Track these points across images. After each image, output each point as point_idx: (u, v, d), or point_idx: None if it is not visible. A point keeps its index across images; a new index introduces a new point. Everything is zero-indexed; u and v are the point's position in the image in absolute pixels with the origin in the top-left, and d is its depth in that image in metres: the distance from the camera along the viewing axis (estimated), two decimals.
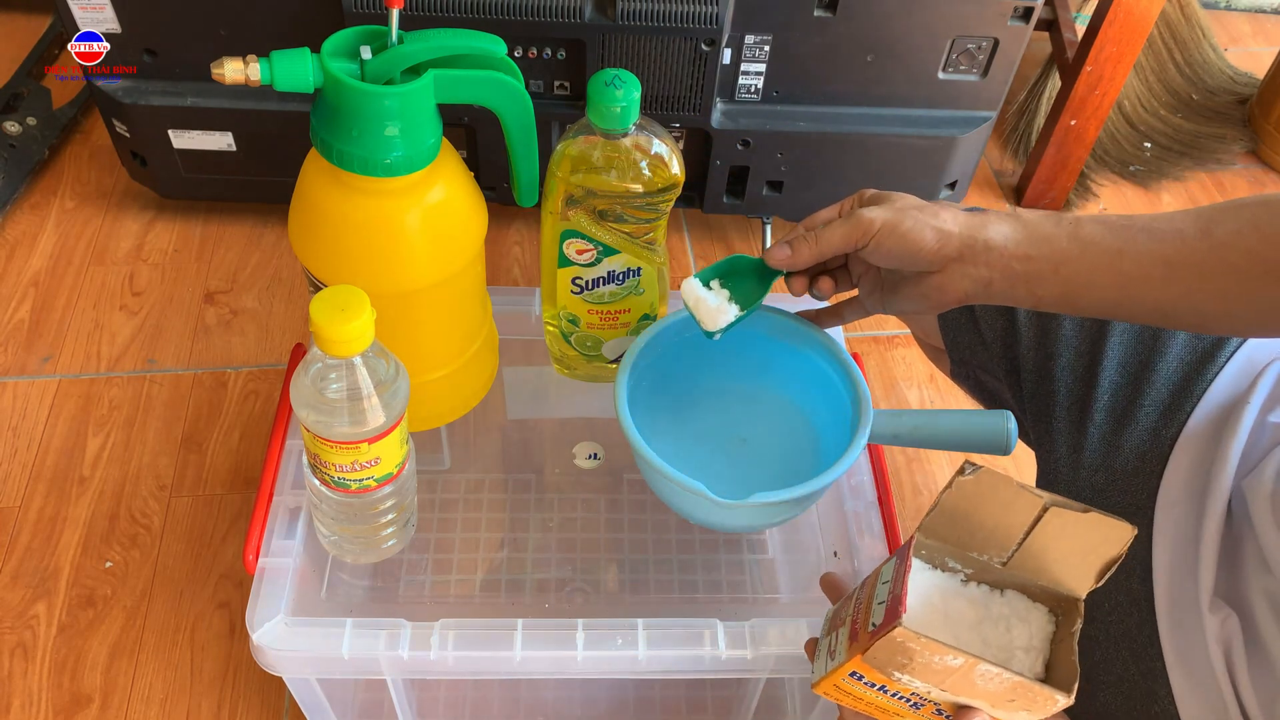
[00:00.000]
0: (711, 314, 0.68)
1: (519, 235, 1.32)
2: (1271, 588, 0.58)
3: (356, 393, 0.61)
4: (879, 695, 0.51)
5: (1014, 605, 0.52)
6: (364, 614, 0.68)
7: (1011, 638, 0.51)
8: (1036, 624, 0.52)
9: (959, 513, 0.51)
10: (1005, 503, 0.50)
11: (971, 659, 0.46)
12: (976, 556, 0.53)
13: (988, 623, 0.52)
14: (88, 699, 0.91)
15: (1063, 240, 0.59)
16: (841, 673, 0.51)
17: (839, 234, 0.63)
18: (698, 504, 0.67)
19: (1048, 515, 0.49)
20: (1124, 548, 0.48)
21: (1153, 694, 0.60)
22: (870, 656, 0.49)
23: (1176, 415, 0.68)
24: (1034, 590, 0.52)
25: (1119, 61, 1.24)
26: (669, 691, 0.88)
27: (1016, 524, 0.50)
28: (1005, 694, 0.47)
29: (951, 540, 0.52)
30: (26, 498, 1.03)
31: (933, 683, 0.48)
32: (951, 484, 0.50)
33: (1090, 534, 0.49)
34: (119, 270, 1.24)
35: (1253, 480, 0.62)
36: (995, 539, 0.51)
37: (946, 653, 0.46)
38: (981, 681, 0.47)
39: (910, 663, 0.47)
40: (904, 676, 0.48)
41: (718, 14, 1.01)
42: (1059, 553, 0.50)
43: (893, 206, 0.62)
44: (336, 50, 0.61)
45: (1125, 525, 0.48)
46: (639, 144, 0.68)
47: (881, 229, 0.61)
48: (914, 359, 1.22)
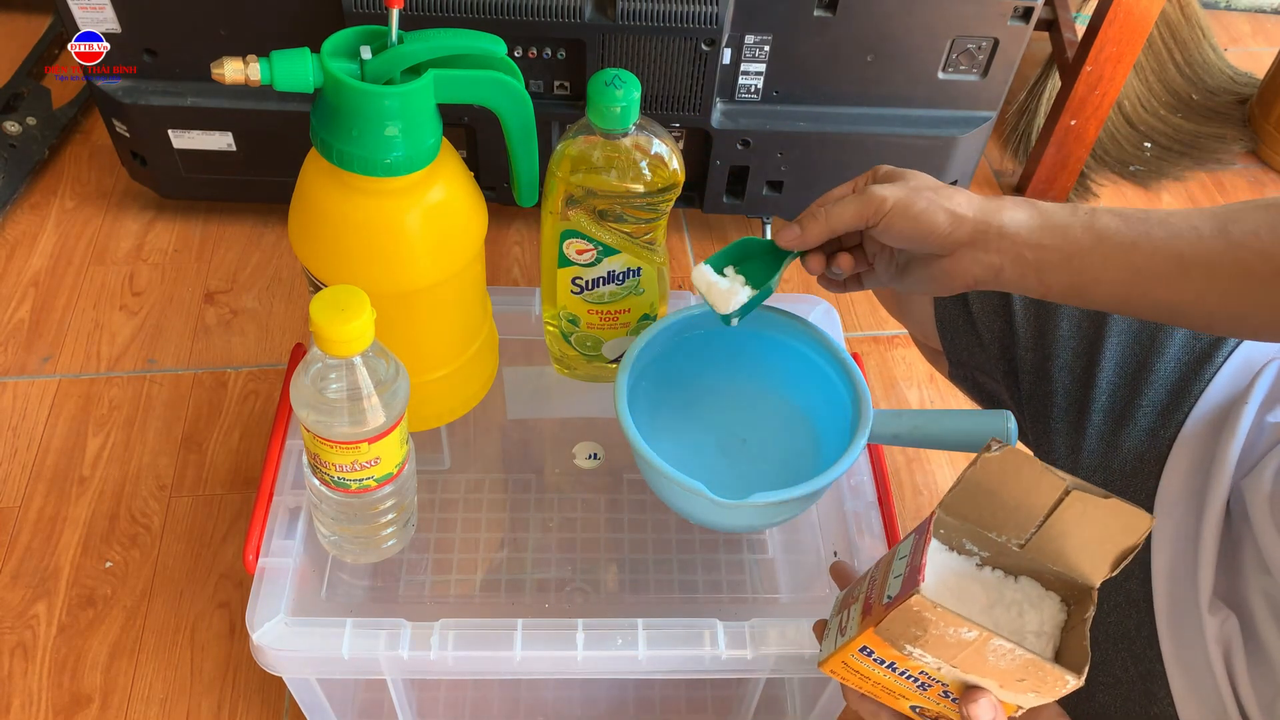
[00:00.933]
0: (724, 297, 0.67)
1: (519, 235, 1.32)
2: (1270, 589, 0.58)
3: (356, 393, 0.61)
4: (887, 674, 0.51)
5: (1027, 591, 0.52)
6: (364, 614, 0.68)
7: (1023, 622, 0.51)
8: (1049, 611, 0.52)
9: (982, 490, 0.51)
10: (1028, 483, 0.50)
11: (986, 633, 0.45)
12: (995, 538, 0.53)
13: (1000, 606, 0.52)
14: (88, 699, 0.91)
15: (1077, 230, 0.58)
16: (851, 648, 0.51)
17: (850, 211, 0.62)
18: (698, 504, 0.67)
19: (1069, 499, 0.50)
20: (1141, 537, 0.49)
21: (1151, 695, 0.60)
22: (884, 629, 0.48)
23: (1174, 416, 0.68)
24: (1048, 578, 0.53)
25: (1119, 61, 1.24)
26: (669, 691, 0.88)
27: (1038, 505, 0.50)
28: (1016, 672, 0.47)
29: (972, 518, 0.52)
30: (26, 498, 1.03)
31: (944, 658, 0.48)
32: (976, 461, 0.50)
33: (1110, 521, 0.49)
34: (119, 270, 1.24)
35: (1251, 481, 0.62)
36: (1015, 519, 0.51)
37: (962, 625, 0.46)
38: (994, 658, 0.47)
39: (924, 634, 0.47)
40: (915, 650, 0.48)
41: (718, 14, 1.01)
42: (1077, 538, 0.51)
43: (907, 185, 0.61)
44: (336, 50, 0.61)
45: (1144, 514, 0.48)
46: (639, 144, 0.68)
47: (894, 208, 0.60)
48: (914, 359, 1.22)
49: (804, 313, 0.81)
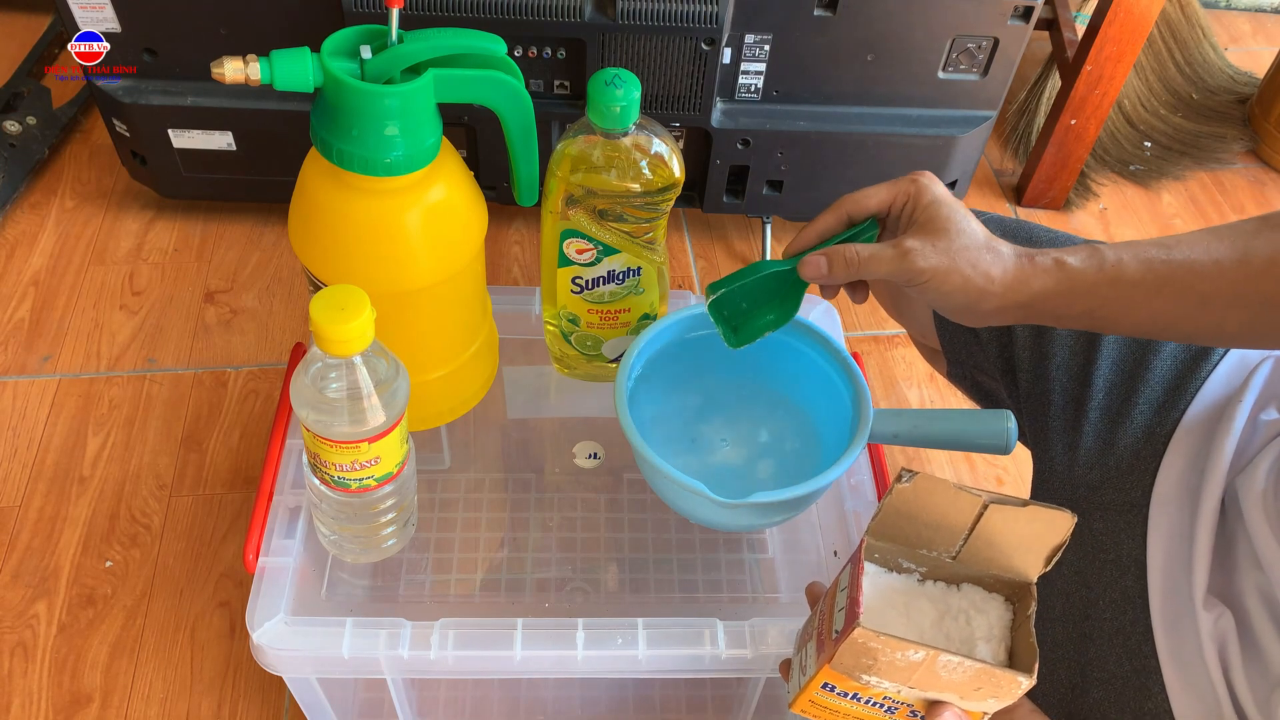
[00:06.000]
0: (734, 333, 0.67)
1: (519, 235, 1.32)
2: (1264, 585, 0.59)
3: (356, 392, 0.61)
4: (853, 705, 0.52)
5: (971, 598, 0.53)
6: (364, 613, 0.68)
7: (972, 629, 0.52)
8: (995, 613, 0.53)
9: (903, 515, 0.52)
10: (945, 504, 0.51)
11: (932, 651, 0.46)
12: (927, 553, 0.54)
13: (948, 618, 0.53)
14: (88, 698, 0.91)
15: (1103, 288, 0.58)
16: (814, 685, 0.52)
17: (883, 268, 0.61)
18: (698, 504, 0.67)
19: (988, 512, 0.50)
20: (1067, 534, 0.50)
21: (1146, 690, 0.60)
22: (837, 663, 0.49)
23: (1170, 413, 0.68)
24: (988, 580, 0.53)
25: (1119, 61, 1.24)
26: (669, 691, 0.88)
27: (960, 523, 0.51)
28: (971, 683, 0.48)
29: (900, 540, 0.53)
30: (26, 497, 1.03)
31: (900, 681, 0.49)
32: (891, 490, 0.51)
33: (1033, 524, 0.50)
34: (119, 270, 1.24)
35: (1245, 478, 0.62)
36: (941, 536, 0.52)
37: (907, 648, 0.47)
38: (945, 673, 0.47)
39: (875, 663, 0.48)
40: (872, 679, 0.49)
41: (718, 13, 1.01)
42: (1005, 544, 0.51)
43: (948, 250, 0.59)
44: (336, 50, 0.61)
45: (1065, 514, 0.49)
46: (639, 143, 0.68)
47: (930, 280, 0.59)
48: (914, 359, 1.22)
49: (804, 312, 0.80)
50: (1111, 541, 0.65)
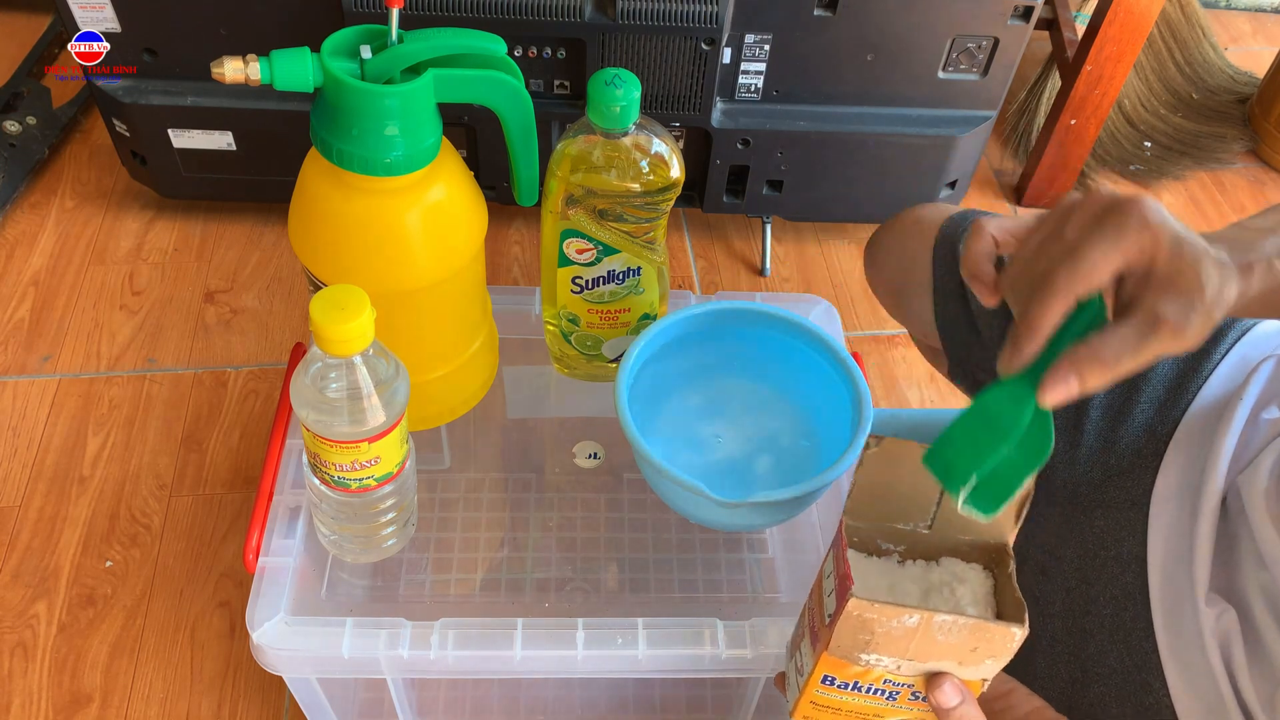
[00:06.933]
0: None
1: (519, 235, 1.32)
2: (1267, 583, 0.59)
3: (356, 392, 0.61)
4: (855, 697, 0.52)
5: (951, 569, 0.54)
6: (364, 613, 0.68)
7: (957, 599, 0.53)
8: (976, 581, 0.53)
9: (876, 486, 0.53)
10: (913, 467, 0.51)
11: (927, 613, 0.47)
12: (903, 527, 0.54)
13: (932, 593, 0.53)
14: (88, 698, 0.91)
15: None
16: (813, 683, 0.52)
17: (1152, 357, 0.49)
18: (698, 503, 0.67)
19: None
20: (1031, 486, 0.50)
21: (1146, 686, 0.60)
22: (835, 646, 0.49)
23: (1171, 412, 0.68)
24: (965, 550, 0.54)
25: (1119, 61, 1.24)
26: (669, 691, 0.88)
27: (931, 487, 0.52)
28: (967, 643, 0.48)
29: (877, 516, 0.54)
30: (26, 497, 1.03)
31: (898, 654, 0.49)
32: (861, 460, 0.52)
33: None
34: (119, 270, 1.24)
35: (1247, 476, 0.62)
36: (915, 504, 0.53)
37: (902, 612, 0.47)
38: (942, 636, 0.48)
39: (872, 637, 0.48)
40: (871, 656, 0.49)
41: (718, 13, 1.01)
42: None
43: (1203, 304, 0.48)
44: (336, 50, 0.61)
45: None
46: (639, 143, 0.68)
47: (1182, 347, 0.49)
48: (914, 359, 1.22)
49: (804, 312, 0.81)
50: (1113, 538, 0.66)
